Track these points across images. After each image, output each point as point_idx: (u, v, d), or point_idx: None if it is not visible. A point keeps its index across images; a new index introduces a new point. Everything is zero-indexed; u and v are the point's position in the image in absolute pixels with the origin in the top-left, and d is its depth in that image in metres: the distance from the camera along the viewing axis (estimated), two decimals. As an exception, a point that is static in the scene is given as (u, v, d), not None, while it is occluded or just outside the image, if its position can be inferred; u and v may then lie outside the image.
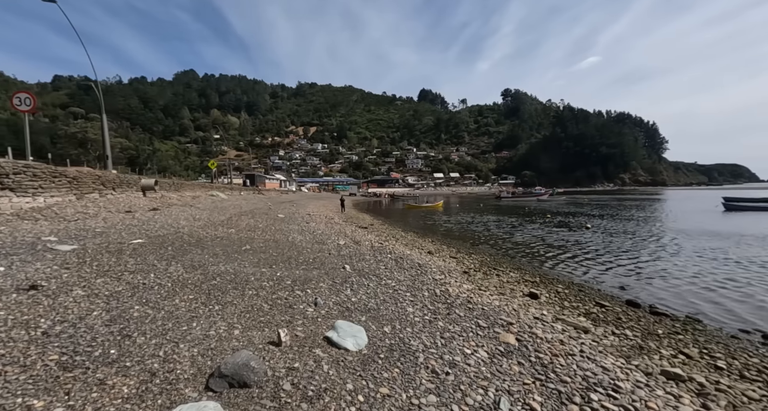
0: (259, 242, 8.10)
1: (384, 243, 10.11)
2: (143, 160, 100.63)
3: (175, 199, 17.42)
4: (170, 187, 18.86)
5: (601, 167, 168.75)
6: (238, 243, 7.68)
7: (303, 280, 5.00)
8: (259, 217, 14.84)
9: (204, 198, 22.37)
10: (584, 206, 36.17)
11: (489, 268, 8.10)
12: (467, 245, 12.82)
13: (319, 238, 9.79)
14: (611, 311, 5.42)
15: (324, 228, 13.19)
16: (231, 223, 11.25)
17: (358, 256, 7.38)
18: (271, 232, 10.12)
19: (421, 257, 8.18)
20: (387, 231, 15.32)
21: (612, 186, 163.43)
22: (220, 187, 33.30)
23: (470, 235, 16.19)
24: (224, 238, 8.20)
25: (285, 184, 71.08)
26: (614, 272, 8.77)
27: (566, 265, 9.62)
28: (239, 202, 24.25)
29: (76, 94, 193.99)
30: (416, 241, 12.35)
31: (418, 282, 5.52)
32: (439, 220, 24.13)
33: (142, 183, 14.69)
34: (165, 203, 14.65)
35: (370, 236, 11.87)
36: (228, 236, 8.50)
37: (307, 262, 6.28)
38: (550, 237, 15.17)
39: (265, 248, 7.36)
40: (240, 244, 7.61)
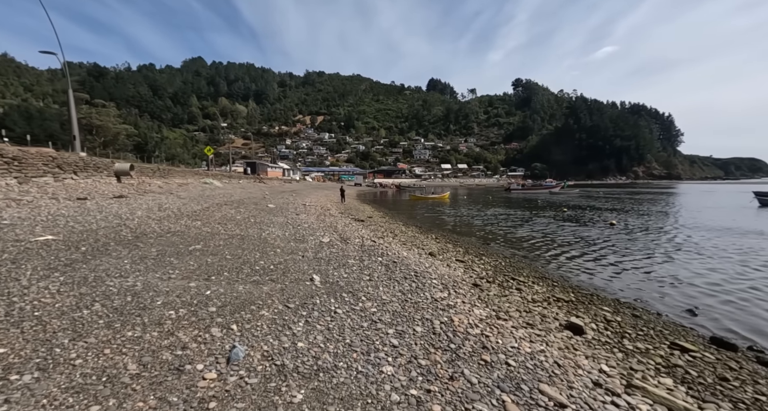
0: (220, 239, 6.55)
1: (378, 241, 8.50)
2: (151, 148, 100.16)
3: (157, 186, 15.98)
4: (154, 173, 17.43)
5: (615, 160, 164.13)
6: (192, 240, 6.15)
7: (240, 304, 3.42)
8: (243, 208, 13.34)
9: (194, 186, 20.96)
10: (600, 200, 34.04)
11: (505, 277, 6.43)
12: (477, 244, 11.14)
13: (300, 234, 8.22)
14: (703, 361, 3.66)
15: (314, 221, 11.63)
16: (203, 215, 9.73)
17: (338, 260, 5.78)
18: (246, 226, 8.58)
19: (420, 261, 6.55)
20: (386, 225, 13.69)
21: (625, 179, 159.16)
22: (216, 175, 31.93)
23: (479, 231, 14.48)
24: (179, 233, 6.67)
25: (288, 173, 69.70)
26: (667, 283, 6.98)
27: (601, 272, 7.89)
28: (233, 190, 22.82)
29: (87, 80, 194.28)
30: (417, 238, 10.70)
31: (411, 304, 3.90)
32: (446, 213, 22.42)
33: (116, 167, 13.24)
34: (140, 190, 13.19)
35: (364, 231, 10.26)
36: (185, 231, 6.97)
37: (265, 270, 4.70)
38: (570, 234, 13.39)
39: (222, 248, 5.80)
40: (193, 241, 6.07)
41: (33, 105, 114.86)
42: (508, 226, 16.03)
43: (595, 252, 10.05)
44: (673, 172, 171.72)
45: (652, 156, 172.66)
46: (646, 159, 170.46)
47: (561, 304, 4.89)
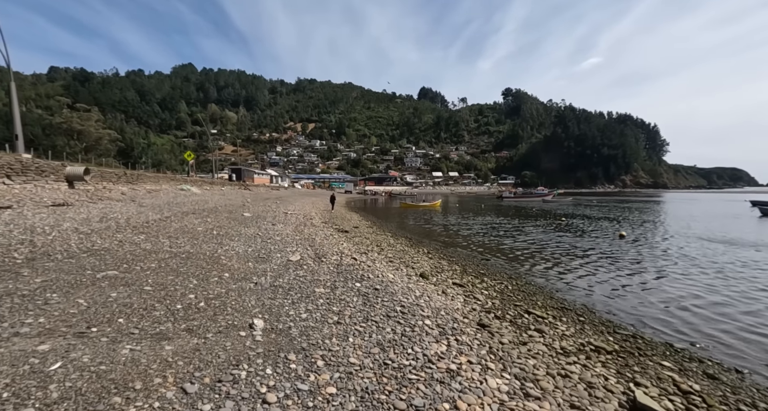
0: (155, 260, 5.13)
1: (360, 258, 7.14)
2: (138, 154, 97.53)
3: (119, 192, 14.39)
4: (119, 178, 15.82)
5: (603, 168, 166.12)
6: (114, 262, 4.72)
7: (97, 390, 2.03)
8: (213, 217, 11.86)
9: (167, 192, 19.35)
10: (595, 208, 33.24)
11: (517, 308, 5.08)
12: (474, 259, 9.85)
13: (266, 251, 6.83)
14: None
15: (290, 232, 10.22)
16: (155, 226, 8.27)
17: (302, 289, 4.42)
18: (202, 240, 7.15)
19: (409, 287, 5.21)
20: (372, 237, 12.32)
21: (613, 188, 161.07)
22: (197, 181, 30.25)
23: (475, 244, 13.22)
24: (102, 252, 5.23)
25: (277, 180, 68.01)
26: (724, 317, 5.63)
27: (630, 298, 6.49)
28: (210, 197, 21.25)
29: (72, 85, 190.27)
30: (407, 253, 9.36)
31: (393, 375, 2.55)
32: (437, 222, 21.17)
33: (68, 171, 11.67)
34: (94, 197, 11.63)
35: (346, 245, 8.89)
36: (115, 248, 5.53)
37: (189, 311, 3.31)
38: (577, 247, 12.20)
39: (149, 274, 4.39)
40: (114, 264, 4.65)
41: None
42: (506, 237, 14.80)
43: (614, 270, 8.77)
44: (659, 181, 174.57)
45: (639, 165, 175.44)
46: (633, 168, 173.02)
47: (604, 359, 3.56)
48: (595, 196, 78.87)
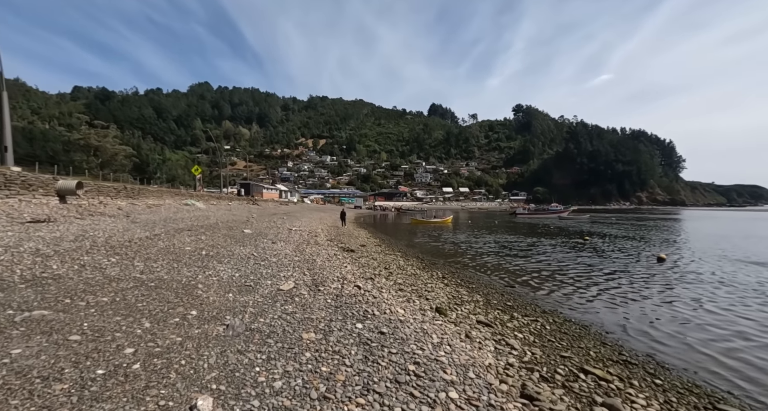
0: (114, 290, 4.19)
1: (365, 285, 6.11)
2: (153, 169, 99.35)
3: (115, 207, 13.72)
4: (118, 192, 15.23)
5: (617, 185, 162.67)
6: (52, 296, 3.80)
7: None
8: (208, 234, 11.01)
9: (168, 207, 18.73)
10: (615, 226, 31.56)
11: (567, 363, 3.92)
12: (497, 286, 8.66)
13: (256, 276, 5.86)
14: None
15: (290, 252, 9.26)
16: (138, 246, 7.41)
17: (285, 336, 3.40)
18: (184, 263, 6.23)
19: (424, 327, 4.15)
20: (380, 257, 11.26)
21: (628, 205, 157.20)
22: (203, 196, 29.80)
23: (494, 265, 12.03)
24: (50, 280, 4.32)
25: (286, 195, 67.79)
26: None
27: (724, 350, 5.06)
28: (214, 213, 20.58)
29: (93, 103, 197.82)
30: (419, 278, 8.26)
31: None
32: (450, 240, 19.99)
33: (59, 185, 11.05)
34: (83, 212, 10.91)
35: (350, 268, 7.86)
36: (71, 275, 4.63)
37: (104, 382, 2.33)
38: (614, 273, 10.90)
39: (90, 312, 3.44)
40: (53, 298, 3.72)
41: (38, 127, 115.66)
42: (527, 258, 13.55)
43: (669, 304, 7.43)
44: (676, 198, 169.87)
45: (655, 181, 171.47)
46: (649, 184, 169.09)
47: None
48: (610, 213, 76.52)
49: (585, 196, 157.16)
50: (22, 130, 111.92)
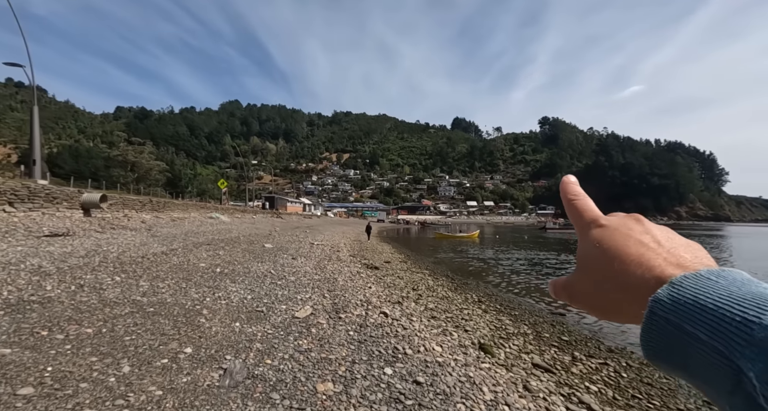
0: (104, 317, 3.62)
1: (392, 311, 5.32)
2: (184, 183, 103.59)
3: (139, 221, 13.66)
4: (143, 205, 15.27)
5: (653, 199, 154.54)
6: (29, 325, 3.25)
7: None
8: (227, 249, 10.58)
9: (192, 221, 18.72)
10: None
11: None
12: (543, 314, 7.62)
13: (270, 299, 5.21)
14: None
15: (310, 269, 8.61)
16: (152, 262, 6.97)
17: (294, 388, 2.66)
18: (194, 283, 5.69)
19: (468, 373, 3.31)
20: (407, 275, 10.42)
21: (666, 220, 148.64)
22: (229, 209, 30.07)
23: (532, 287, 10.91)
24: (36, 304, 3.81)
25: (309, 208, 68.26)
26: None
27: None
28: (238, 226, 20.44)
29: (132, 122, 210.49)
30: (452, 302, 7.37)
31: None
32: (479, 256, 18.84)
33: (83, 199, 11.02)
34: (105, 226, 10.77)
35: (374, 289, 7.09)
36: (63, 298, 4.12)
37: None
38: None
39: (65, 349, 2.85)
40: (28, 328, 3.17)
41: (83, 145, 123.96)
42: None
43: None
44: (720, 213, 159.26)
45: (695, 196, 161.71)
46: (689, 199, 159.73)
47: None
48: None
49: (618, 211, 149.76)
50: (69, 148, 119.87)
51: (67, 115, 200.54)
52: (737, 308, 0.23)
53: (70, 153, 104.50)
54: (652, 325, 0.26)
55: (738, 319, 0.23)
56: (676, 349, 0.25)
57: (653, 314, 0.26)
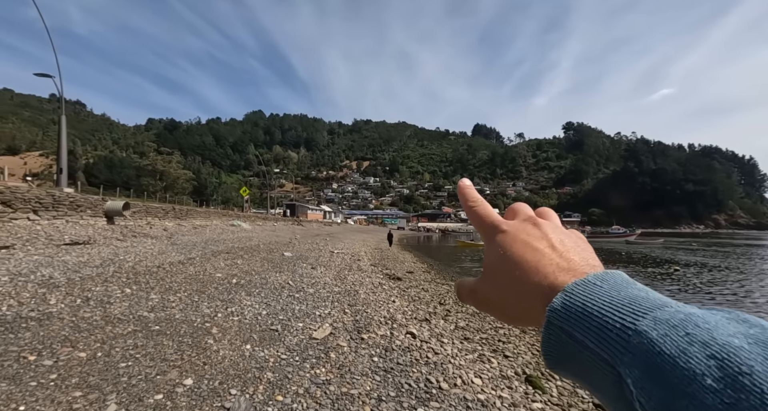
0: (103, 337, 3.27)
1: (420, 331, 4.78)
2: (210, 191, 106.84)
3: (159, 228, 13.69)
4: (166, 213, 15.37)
5: (687, 206, 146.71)
6: (17, 348, 2.91)
7: None
8: (245, 258, 10.32)
9: (214, 228, 18.77)
10: (700, 253, 27.19)
11: None
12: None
13: (286, 315, 4.79)
14: None
15: (329, 280, 8.18)
16: (167, 271, 6.72)
17: (310, 439, 2.16)
18: (207, 295, 5.35)
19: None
20: (431, 288, 9.82)
21: (703, 228, 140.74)
22: (250, 217, 30.30)
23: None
24: (32, 320, 3.51)
25: (330, 216, 68.48)
26: None
27: None
28: (259, 234, 20.39)
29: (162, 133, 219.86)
30: (485, 319, 6.72)
31: None
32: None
33: (107, 206, 11.08)
34: (127, 234, 10.74)
35: (398, 304, 6.56)
36: (65, 314, 3.82)
37: None
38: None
39: (49, 378, 2.48)
40: (15, 352, 2.83)
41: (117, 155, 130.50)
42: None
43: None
44: (763, 221, 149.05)
45: (735, 202, 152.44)
46: (728, 206, 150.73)
47: None
48: (683, 237, 68.36)
49: (648, 219, 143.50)
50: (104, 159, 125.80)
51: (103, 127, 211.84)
52: (617, 314, 0.24)
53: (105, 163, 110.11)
54: (550, 334, 0.27)
55: (618, 326, 0.23)
56: (571, 358, 0.26)
57: (550, 324, 0.27)
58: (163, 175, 74.01)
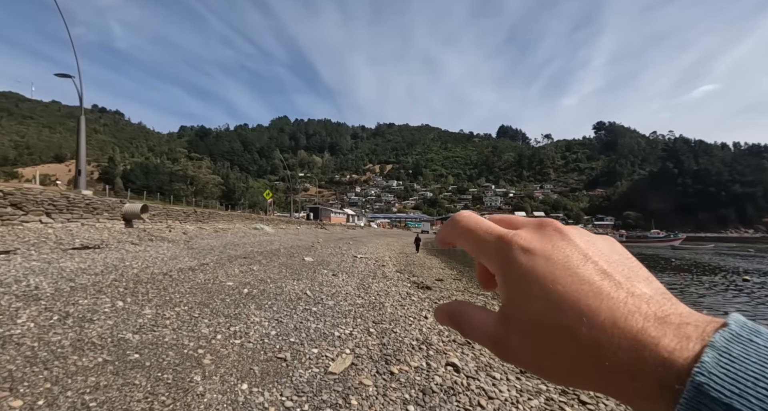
0: (63, 371, 2.53)
1: (461, 356, 3.83)
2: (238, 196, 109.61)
3: (178, 231, 13.35)
4: (188, 216, 15.10)
5: (736, 209, 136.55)
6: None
7: None
8: (263, 263, 9.66)
9: (236, 232, 18.45)
10: (758, 260, 24.42)
11: None
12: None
13: (299, 338, 3.97)
14: None
15: (352, 289, 7.34)
16: (172, 279, 6.09)
17: None
18: (211, 309, 4.62)
19: None
20: (468, 298, 8.76)
21: (752, 232, 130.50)
22: (273, 220, 30.13)
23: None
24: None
25: (353, 219, 68.14)
26: None
27: None
28: (282, 237, 19.94)
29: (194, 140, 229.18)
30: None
31: None
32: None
33: (125, 209, 10.78)
34: (143, 237, 10.35)
35: (431, 319, 5.60)
36: (28, 336, 3.13)
37: None
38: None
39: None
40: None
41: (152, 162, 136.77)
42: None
43: None
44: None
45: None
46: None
47: None
48: (730, 241, 63.22)
49: (691, 222, 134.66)
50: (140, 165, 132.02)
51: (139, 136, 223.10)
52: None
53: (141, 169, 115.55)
54: (696, 406, 0.17)
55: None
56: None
57: (700, 395, 0.17)
58: (193, 180, 76.47)
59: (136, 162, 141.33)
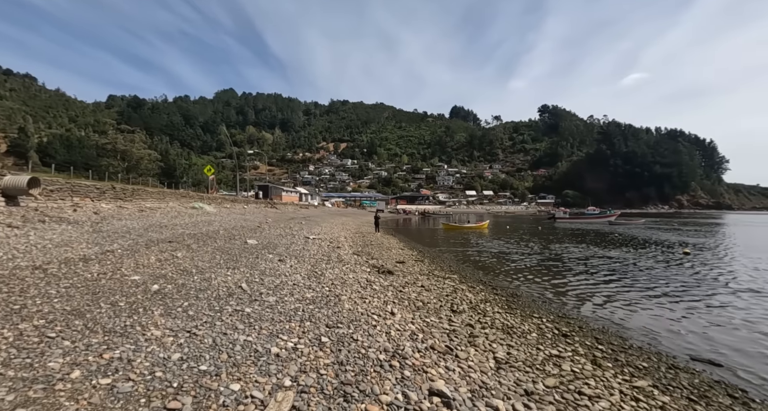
0: None
1: (447, 374, 2.80)
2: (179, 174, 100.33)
3: (87, 211, 10.98)
4: (102, 193, 12.57)
5: (656, 188, 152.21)
6: None
7: None
8: (194, 248, 7.99)
9: (167, 211, 16.05)
10: (687, 233, 26.76)
11: None
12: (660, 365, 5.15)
13: (218, 358, 2.62)
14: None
15: (301, 279, 6.06)
16: (51, 273, 4.38)
17: None
18: (87, 322, 3.09)
19: None
20: (433, 284, 7.84)
21: (668, 208, 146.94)
22: (217, 198, 27.32)
23: (619, 299, 8.43)
24: None
25: (306, 198, 65.53)
26: None
27: None
28: (223, 217, 17.81)
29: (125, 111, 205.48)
30: (529, 342, 4.81)
31: None
32: (503, 252, 16.31)
33: (5, 183, 8.32)
34: (28, 218, 8.10)
35: (400, 316, 4.55)
36: None
37: None
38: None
39: None
40: None
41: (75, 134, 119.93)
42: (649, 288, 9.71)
43: None
44: (720, 201, 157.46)
45: (697, 184, 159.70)
46: (691, 187, 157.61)
47: None
48: (650, 216, 70.41)
49: (620, 200, 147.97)
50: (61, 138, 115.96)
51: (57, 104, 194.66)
52: None
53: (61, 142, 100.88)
54: None
55: None
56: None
57: None
58: (125, 155, 68.39)
59: (55, 134, 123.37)
